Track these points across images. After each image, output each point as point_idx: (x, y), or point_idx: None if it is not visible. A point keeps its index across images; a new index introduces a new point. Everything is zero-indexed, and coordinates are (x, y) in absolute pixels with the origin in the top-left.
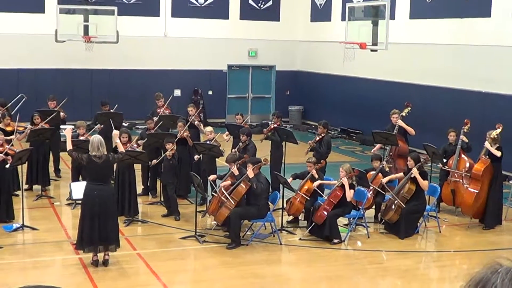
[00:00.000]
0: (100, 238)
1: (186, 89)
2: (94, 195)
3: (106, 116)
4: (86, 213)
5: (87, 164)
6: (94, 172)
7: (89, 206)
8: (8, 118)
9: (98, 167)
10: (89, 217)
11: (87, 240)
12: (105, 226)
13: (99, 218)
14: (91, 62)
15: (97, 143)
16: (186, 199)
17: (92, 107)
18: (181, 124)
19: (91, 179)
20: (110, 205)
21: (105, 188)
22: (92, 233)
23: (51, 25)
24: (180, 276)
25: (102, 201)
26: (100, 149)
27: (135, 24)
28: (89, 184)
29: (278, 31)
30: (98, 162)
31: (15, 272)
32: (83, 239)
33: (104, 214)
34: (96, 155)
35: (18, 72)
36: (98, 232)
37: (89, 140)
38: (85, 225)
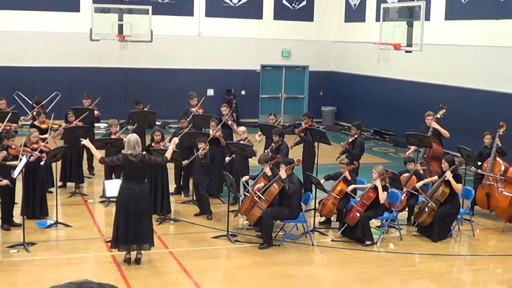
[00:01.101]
0: (134, 237)
1: (219, 89)
2: (130, 194)
3: (140, 115)
4: (121, 212)
5: (123, 164)
6: (130, 171)
7: (124, 205)
8: (43, 116)
9: (134, 166)
10: (124, 216)
11: (122, 239)
12: (140, 225)
13: (134, 217)
14: (124, 61)
15: (133, 142)
16: (219, 198)
17: (125, 105)
18: (214, 124)
19: (127, 178)
20: (145, 204)
21: (141, 187)
22: (127, 232)
23: (86, 24)
24: (211, 275)
25: (137, 200)
26: (136, 148)
27: (169, 24)
28: (124, 183)
29: (311, 31)
30: (135, 161)
31: (48, 268)
32: (118, 238)
33: (139, 213)
34: (132, 154)
35: (53, 70)
36: (133, 231)
37: (121, 138)
38: (120, 224)
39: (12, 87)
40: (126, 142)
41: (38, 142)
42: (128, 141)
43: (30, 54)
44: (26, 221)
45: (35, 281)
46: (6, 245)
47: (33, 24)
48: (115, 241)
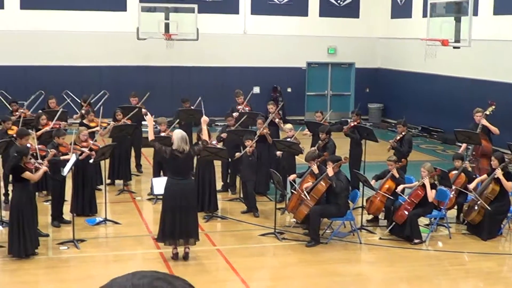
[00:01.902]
0: (180, 232)
1: (265, 87)
2: (176, 190)
3: (187, 113)
4: (167, 207)
5: (169, 158)
6: (176, 166)
7: (171, 200)
8: (92, 114)
9: (179, 161)
10: (171, 211)
11: (168, 233)
12: (186, 220)
13: (180, 212)
14: (171, 60)
15: (180, 138)
16: (266, 196)
17: (172, 103)
18: (260, 121)
19: (173, 173)
20: (191, 199)
21: (187, 182)
22: (173, 227)
23: (133, 23)
24: (259, 272)
25: (183, 195)
26: (182, 143)
27: (215, 22)
28: (170, 179)
29: (357, 28)
30: (180, 157)
31: (97, 265)
32: (164, 232)
33: (185, 208)
34: (178, 150)
35: (101, 69)
36: (179, 226)
37: (169, 136)
38: (167, 219)
39: (61, 86)
40: (174, 138)
41: (87, 140)
42: (176, 137)
43: (79, 53)
44: (76, 218)
45: (84, 278)
46: (56, 242)
47: (81, 24)
48: (161, 235)
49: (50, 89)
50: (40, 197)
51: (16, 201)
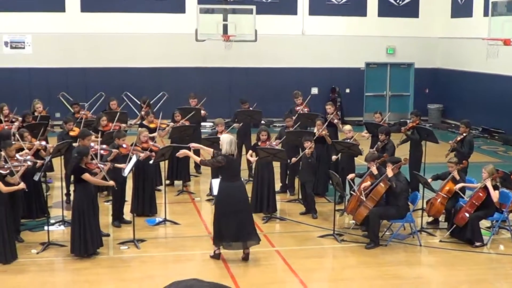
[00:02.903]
0: (239, 234)
1: (323, 87)
2: (231, 193)
3: (245, 114)
4: (222, 211)
5: (225, 164)
6: (231, 170)
7: (226, 203)
8: (152, 116)
9: (234, 164)
10: (227, 215)
11: (226, 237)
12: (244, 222)
13: (237, 214)
14: (229, 61)
15: (229, 141)
16: (324, 197)
17: (230, 105)
18: (319, 123)
19: (228, 177)
20: (246, 201)
21: (240, 184)
22: (231, 230)
23: (191, 24)
24: (318, 274)
25: (238, 197)
26: (232, 146)
27: (273, 23)
28: (225, 182)
29: (417, 28)
30: (233, 159)
31: (157, 265)
32: (221, 236)
33: (242, 210)
34: (231, 154)
35: (160, 71)
36: (237, 228)
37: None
38: (222, 223)
39: (121, 87)
40: (224, 142)
41: (148, 141)
42: (225, 142)
43: (138, 55)
44: (136, 218)
45: (144, 277)
46: (117, 242)
47: (141, 26)
48: (218, 239)
49: (110, 90)
50: (101, 197)
51: (78, 201)
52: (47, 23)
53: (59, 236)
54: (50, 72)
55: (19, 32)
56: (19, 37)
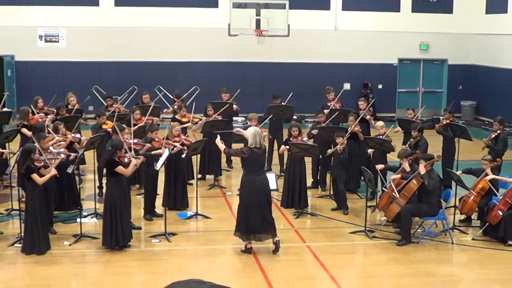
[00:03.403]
0: (261, 227)
1: (355, 83)
2: (256, 186)
3: (278, 109)
4: (246, 203)
5: (249, 157)
6: (255, 163)
7: (250, 196)
8: (184, 110)
9: (258, 158)
10: (250, 207)
11: (246, 228)
12: (266, 215)
13: (261, 207)
14: (262, 56)
15: (255, 134)
16: (356, 193)
17: (262, 99)
18: (352, 118)
19: (251, 170)
20: (269, 194)
21: (264, 177)
22: (254, 222)
23: (224, 19)
24: (348, 270)
25: (262, 190)
26: (257, 139)
27: (306, 18)
28: (248, 175)
29: (451, 24)
30: (258, 153)
31: (188, 259)
32: (241, 227)
33: (265, 203)
34: (256, 146)
35: (193, 65)
36: (260, 221)
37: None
38: (245, 214)
39: (153, 81)
40: (249, 135)
41: (180, 135)
42: (250, 134)
43: (171, 49)
44: (168, 212)
45: (176, 271)
46: (148, 235)
47: (174, 20)
48: (247, 232)
49: (143, 84)
50: (133, 190)
51: (110, 194)
52: (81, 17)
53: (91, 228)
54: (83, 66)
55: (53, 26)
56: (53, 31)
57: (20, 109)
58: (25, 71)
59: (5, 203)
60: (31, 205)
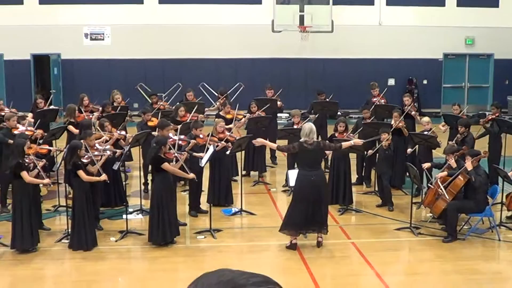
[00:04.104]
0: (310, 223)
1: (400, 78)
2: (309, 182)
3: (322, 105)
4: (299, 199)
5: (299, 151)
6: (306, 158)
7: (302, 192)
8: (228, 106)
9: (309, 153)
10: (302, 203)
11: (292, 224)
12: (317, 212)
13: (313, 203)
14: (305, 52)
15: (308, 130)
16: (401, 189)
17: (306, 96)
18: (397, 114)
19: (303, 165)
20: (323, 190)
21: (318, 174)
22: (300, 218)
23: (268, 15)
24: (393, 267)
25: (316, 187)
26: (310, 135)
27: (350, 13)
28: (302, 171)
29: (497, 18)
30: (310, 149)
31: (233, 255)
32: (289, 222)
33: (318, 199)
34: (307, 142)
35: (236, 61)
36: (310, 217)
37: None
38: (295, 210)
39: (197, 78)
40: (301, 130)
41: (224, 132)
42: (303, 129)
43: (215, 46)
44: (212, 208)
45: (221, 267)
46: (193, 231)
47: (218, 17)
48: (284, 225)
49: (187, 81)
50: (178, 187)
51: (156, 191)
52: (126, 15)
53: (137, 224)
54: (128, 63)
55: (98, 24)
56: (98, 29)
57: (67, 107)
58: (71, 69)
59: (52, 199)
60: (78, 201)
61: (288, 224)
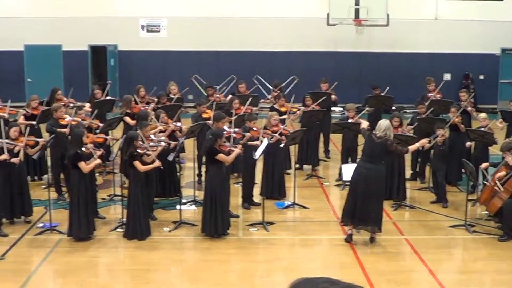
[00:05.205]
0: (360, 217)
1: (456, 74)
2: (361, 174)
3: (377, 99)
4: (350, 189)
5: (366, 139)
6: (368, 149)
7: (354, 183)
8: (283, 99)
9: (373, 145)
10: (353, 194)
11: (347, 215)
12: (367, 206)
13: (363, 196)
14: (360, 45)
15: (383, 127)
16: (456, 186)
17: (360, 90)
18: (454, 110)
19: (364, 155)
20: (374, 185)
21: (375, 168)
22: (353, 210)
23: (323, 9)
24: (447, 265)
25: (367, 180)
26: (387, 133)
27: (406, 7)
28: (360, 161)
29: None
30: (375, 141)
31: (285, 248)
32: (344, 213)
33: (368, 193)
34: (376, 134)
35: (290, 55)
36: (359, 210)
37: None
38: (349, 201)
39: (251, 71)
40: (377, 125)
41: (278, 125)
42: (379, 124)
43: (269, 39)
44: (265, 201)
45: (272, 260)
46: (246, 223)
47: (272, 10)
48: (342, 215)
49: (241, 74)
50: (231, 179)
51: (210, 182)
52: (182, 7)
53: (190, 215)
54: (183, 55)
55: (155, 16)
56: (155, 21)
57: (124, 98)
58: (127, 60)
59: (107, 188)
60: (133, 191)
61: (343, 215)
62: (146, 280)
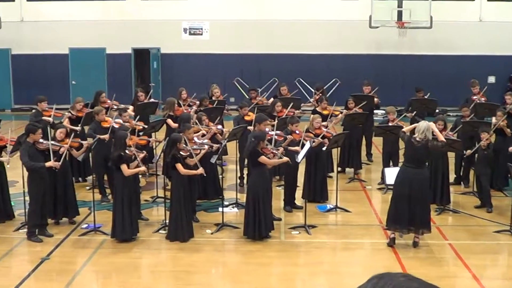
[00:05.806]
0: (407, 221)
1: (501, 76)
2: (406, 178)
3: (420, 102)
4: (396, 194)
5: (406, 145)
6: (409, 154)
7: (399, 187)
8: (325, 102)
9: (414, 149)
10: (398, 198)
11: (392, 219)
12: (414, 210)
13: (409, 200)
14: (403, 48)
15: (423, 128)
16: (501, 191)
17: (403, 92)
18: (500, 114)
19: (407, 160)
20: (419, 189)
21: (419, 172)
22: (399, 214)
23: (365, 11)
24: (491, 270)
25: (412, 184)
26: (423, 133)
27: (449, 9)
28: (404, 166)
29: None
30: (416, 145)
31: (326, 251)
32: (389, 217)
33: (414, 197)
34: (416, 138)
35: (333, 57)
36: (405, 214)
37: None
38: (393, 205)
39: (293, 74)
40: (417, 127)
41: (321, 128)
42: (419, 126)
43: (311, 42)
44: (307, 204)
45: (314, 263)
46: (288, 227)
47: (314, 13)
48: (387, 220)
49: (282, 76)
50: (274, 181)
51: (253, 185)
52: (224, 10)
53: (232, 218)
54: (225, 58)
55: (197, 19)
56: (197, 24)
57: (167, 100)
58: (170, 63)
59: (150, 190)
60: (176, 193)
61: (389, 220)
62: (188, 282)
